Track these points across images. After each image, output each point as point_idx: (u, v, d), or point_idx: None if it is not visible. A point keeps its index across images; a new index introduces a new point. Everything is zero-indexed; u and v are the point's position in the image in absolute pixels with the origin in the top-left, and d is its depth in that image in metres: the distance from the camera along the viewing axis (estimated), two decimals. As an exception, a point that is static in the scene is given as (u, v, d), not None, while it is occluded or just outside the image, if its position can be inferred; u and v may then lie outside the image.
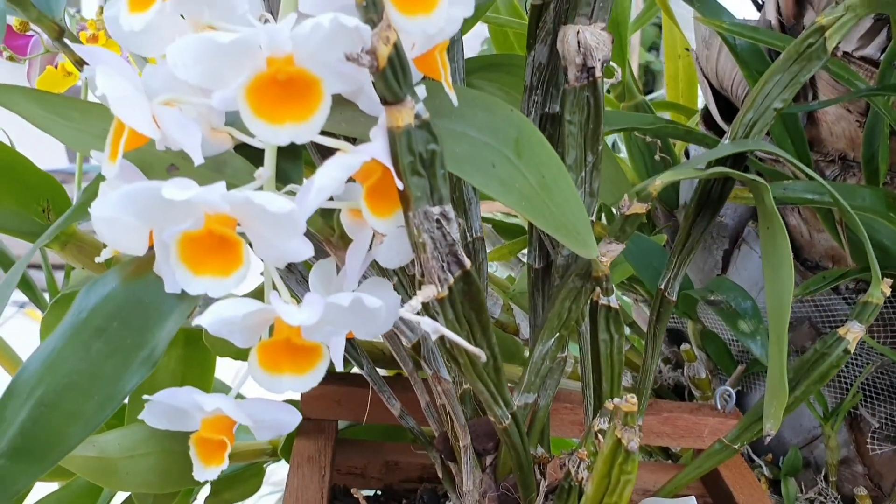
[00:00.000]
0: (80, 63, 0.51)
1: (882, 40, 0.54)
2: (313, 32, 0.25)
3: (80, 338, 0.30)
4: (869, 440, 0.58)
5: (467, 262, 0.30)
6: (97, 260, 0.32)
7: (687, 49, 0.82)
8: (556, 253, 0.42)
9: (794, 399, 0.41)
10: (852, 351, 0.40)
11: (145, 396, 0.32)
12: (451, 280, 0.30)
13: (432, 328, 0.27)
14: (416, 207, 0.28)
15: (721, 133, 0.69)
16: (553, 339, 0.40)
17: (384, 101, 0.27)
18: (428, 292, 0.29)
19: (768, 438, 0.41)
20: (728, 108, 0.67)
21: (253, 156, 0.31)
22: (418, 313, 0.28)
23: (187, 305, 0.30)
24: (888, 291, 0.40)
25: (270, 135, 0.26)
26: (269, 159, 0.29)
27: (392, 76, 0.26)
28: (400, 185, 0.28)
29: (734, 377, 0.64)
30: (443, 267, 0.29)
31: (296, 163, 0.31)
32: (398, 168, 0.27)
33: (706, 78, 0.68)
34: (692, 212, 0.42)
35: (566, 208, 0.34)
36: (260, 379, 0.27)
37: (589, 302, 0.40)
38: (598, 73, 0.39)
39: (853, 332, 0.40)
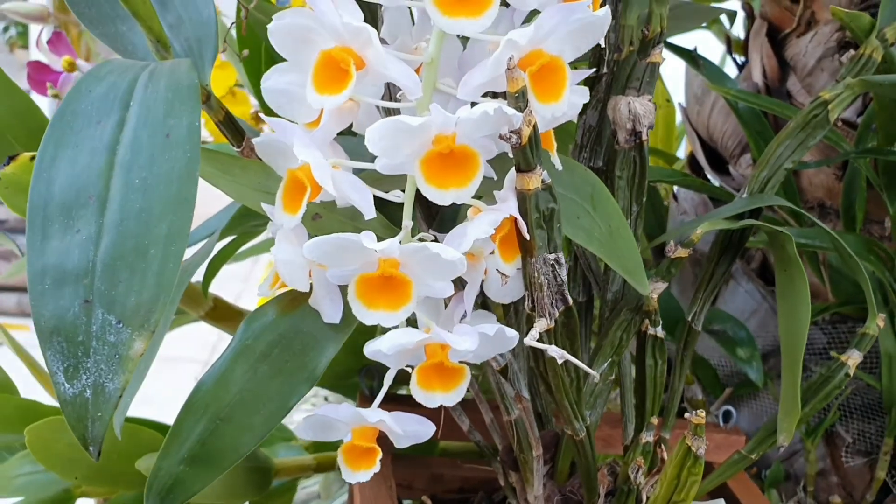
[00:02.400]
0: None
1: (859, 106, 0.63)
2: (480, 118, 0.31)
3: (247, 362, 0.35)
4: (843, 454, 0.66)
5: (570, 300, 0.36)
6: (262, 293, 0.37)
7: (668, 100, 0.91)
8: (600, 289, 0.49)
9: (804, 415, 0.48)
10: (852, 375, 0.48)
11: (300, 414, 0.37)
12: (557, 314, 0.36)
13: (559, 354, 0.33)
14: (538, 254, 0.34)
15: (703, 178, 0.77)
16: (606, 364, 0.46)
17: (518, 169, 0.33)
18: (542, 325, 0.35)
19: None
20: (714, 157, 0.75)
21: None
22: (538, 341, 0.34)
23: (343, 334, 0.35)
24: (882, 325, 0.48)
25: (438, 197, 0.32)
26: (408, 213, 0.35)
27: (529, 150, 0.32)
28: (526, 236, 0.34)
29: (723, 398, 0.71)
30: (552, 303, 0.36)
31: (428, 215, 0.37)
32: (527, 222, 0.34)
33: (695, 130, 0.76)
34: (716, 255, 0.50)
35: (628, 252, 0.41)
36: (418, 396, 0.33)
37: (637, 332, 0.46)
38: (645, 137, 0.46)
39: (853, 359, 0.48)
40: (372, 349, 0.32)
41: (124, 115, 0.33)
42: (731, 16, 0.71)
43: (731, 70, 0.79)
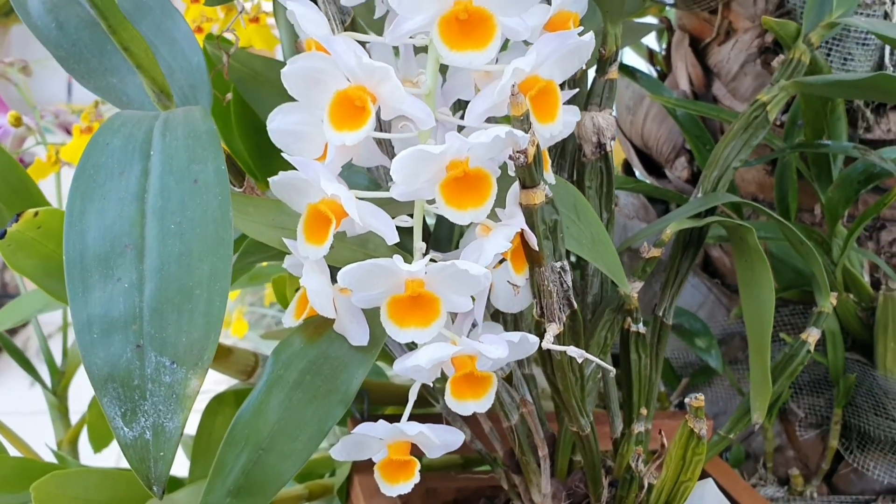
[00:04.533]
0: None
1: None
2: (492, 141, 0.33)
3: (282, 391, 0.36)
4: (797, 428, 0.71)
5: (575, 304, 0.39)
6: (289, 324, 0.38)
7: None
8: (578, 294, 0.52)
9: (774, 392, 0.52)
10: (812, 351, 0.52)
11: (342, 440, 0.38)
12: (565, 318, 0.39)
13: (578, 354, 0.36)
14: (547, 264, 0.37)
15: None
16: (593, 365, 0.49)
17: (524, 186, 0.36)
18: (554, 329, 0.38)
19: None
20: (648, 162, 0.80)
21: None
22: (554, 343, 0.37)
23: (370, 355, 0.37)
24: (835, 302, 0.52)
25: (457, 217, 0.34)
26: (418, 235, 0.37)
27: (534, 168, 0.35)
28: (535, 248, 0.37)
29: (681, 388, 0.75)
30: (560, 308, 0.38)
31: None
32: (536, 234, 0.36)
33: (628, 139, 0.80)
34: (679, 252, 0.53)
35: (609, 256, 0.44)
36: (453, 405, 0.35)
37: (619, 330, 0.49)
38: (609, 148, 0.49)
39: (812, 336, 0.52)
40: (408, 365, 0.34)
41: (146, 165, 0.34)
42: (661, 31, 0.75)
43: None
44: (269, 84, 0.53)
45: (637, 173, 0.81)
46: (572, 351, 0.36)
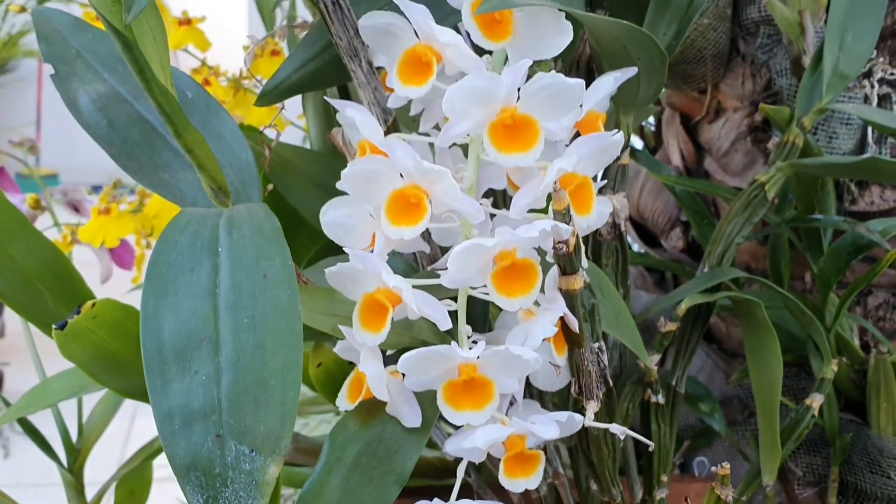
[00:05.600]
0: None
1: (770, 179, 0.72)
2: (539, 234, 0.36)
3: (340, 473, 0.38)
4: (796, 486, 0.74)
5: (611, 382, 0.41)
6: (343, 407, 0.40)
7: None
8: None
9: (783, 455, 0.55)
10: (817, 415, 0.55)
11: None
12: (601, 395, 0.41)
13: (620, 431, 0.38)
14: (586, 345, 0.40)
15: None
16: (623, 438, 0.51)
17: (564, 272, 0.39)
18: (593, 406, 0.40)
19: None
20: (644, 233, 0.83)
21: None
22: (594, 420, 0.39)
23: (423, 436, 0.39)
24: (836, 369, 0.56)
25: (508, 304, 0.37)
26: (462, 319, 0.39)
27: (574, 256, 0.38)
28: (576, 330, 0.39)
29: (682, 451, 0.77)
30: (598, 386, 0.41)
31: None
32: (577, 317, 0.39)
33: (623, 209, 0.84)
34: (689, 324, 0.56)
35: (631, 331, 0.46)
36: (507, 484, 0.37)
37: (640, 402, 0.52)
38: (623, 228, 0.53)
39: (816, 401, 0.55)
40: (464, 447, 0.36)
41: (216, 261, 0.36)
42: (657, 114, 0.80)
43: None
44: (296, 171, 0.56)
45: (635, 245, 0.85)
46: (615, 428, 0.38)
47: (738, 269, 0.57)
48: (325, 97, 0.42)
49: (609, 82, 0.41)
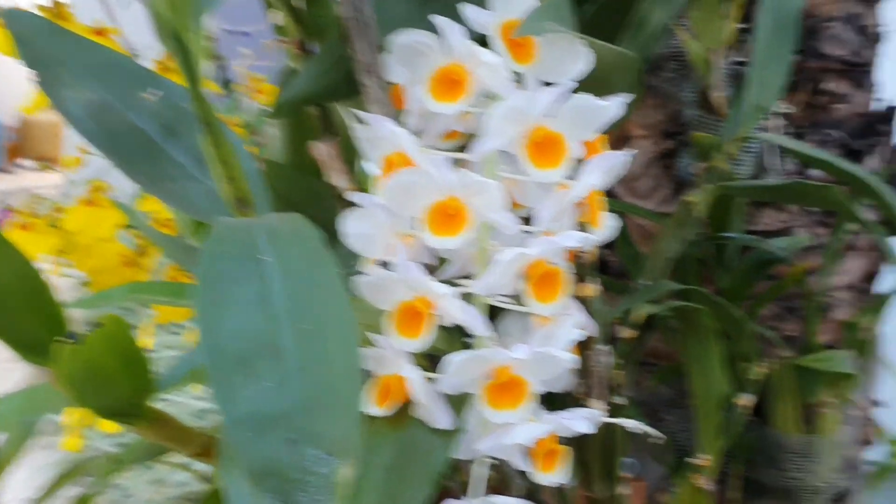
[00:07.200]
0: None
1: (678, 202, 0.79)
2: (575, 243, 0.39)
3: (378, 475, 0.39)
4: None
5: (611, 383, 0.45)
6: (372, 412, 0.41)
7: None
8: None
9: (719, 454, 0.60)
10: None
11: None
12: (608, 395, 0.44)
13: (633, 425, 0.42)
14: (596, 347, 0.43)
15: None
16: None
17: (580, 280, 0.42)
18: (601, 406, 0.43)
19: None
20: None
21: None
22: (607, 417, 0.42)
23: (454, 436, 0.40)
24: (766, 370, 0.62)
25: (542, 310, 0.39)
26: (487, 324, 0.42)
27: (591, 267, 0.41)
28: (593, 334, 0.42)
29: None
30: (603, 386, 0.44)
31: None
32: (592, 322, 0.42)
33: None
34: (640, 335, 0.61)
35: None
36: (540, 479, 0.39)
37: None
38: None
39: (747, 401, 0.61)
40: (507, 442, 0.38)
41: (265, 270, 0.36)
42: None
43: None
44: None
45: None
46: (627, 422, 0.42)
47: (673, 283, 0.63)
48: (353, 110, 0.43)
49: (619, 105, 0.45)
